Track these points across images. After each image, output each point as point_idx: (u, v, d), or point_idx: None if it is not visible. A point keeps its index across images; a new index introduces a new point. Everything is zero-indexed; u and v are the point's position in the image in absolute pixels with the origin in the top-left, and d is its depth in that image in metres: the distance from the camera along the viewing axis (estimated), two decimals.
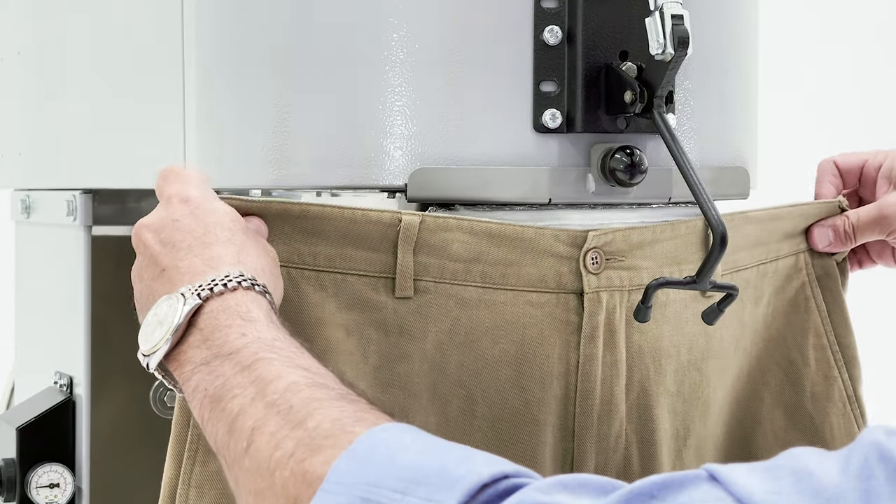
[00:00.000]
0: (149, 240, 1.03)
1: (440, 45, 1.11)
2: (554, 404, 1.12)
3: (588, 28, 1.11)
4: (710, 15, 1.18)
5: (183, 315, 0.96)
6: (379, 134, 1.10)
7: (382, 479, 0.81)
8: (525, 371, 1.11)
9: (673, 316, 1.15)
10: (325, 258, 1.07)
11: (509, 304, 1.11)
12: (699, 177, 1.07)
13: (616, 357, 1.13)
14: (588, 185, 1.13)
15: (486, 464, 0.80)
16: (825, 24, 3.23)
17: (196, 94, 1.16)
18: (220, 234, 1.01)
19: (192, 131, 1.17)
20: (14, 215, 1.56)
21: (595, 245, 1.11)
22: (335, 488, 0.82)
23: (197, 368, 0.95)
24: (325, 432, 0.85)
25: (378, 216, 1.07)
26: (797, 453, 0.74)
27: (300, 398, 0.89)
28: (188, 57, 1.17)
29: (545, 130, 1.12)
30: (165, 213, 1.04)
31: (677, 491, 0.74)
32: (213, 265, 0.99)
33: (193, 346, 0.96)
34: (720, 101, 1.20)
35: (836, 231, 1.23)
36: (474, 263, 1.09)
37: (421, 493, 0.79)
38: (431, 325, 1.09)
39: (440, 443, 0.84)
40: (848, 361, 1.26)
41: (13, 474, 1.35)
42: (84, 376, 1.37)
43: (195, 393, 0.95)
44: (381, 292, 1.08)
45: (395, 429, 0.85)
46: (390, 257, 1.08)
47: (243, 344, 0.94)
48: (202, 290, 0.97)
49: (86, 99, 1.37)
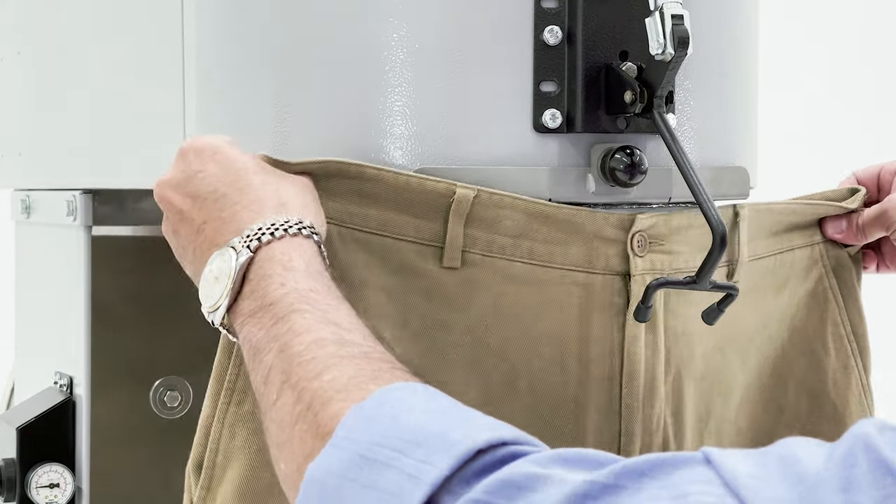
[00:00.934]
0: (173, 197, 1.03)
1: (440, 45, 1.11)
2: (597, 385, 1.13)
3: (588, 28, 1.11)
4: (710, 15, 1.18)
5: (237, 270, 0.97)
6: (379, 134, 1.11)
7: (384, 438, 0.81)
8: (568, 349, 1.12)
9: (699, 300, 1.16)
10: (377, 221, 1.08)
11: (555, 282, 1.11)
12: (699, 177, 1.08)
13: (657, 339, 1.14)
14: (588, 185, 1.13)
15: (485, 429, 0.81)
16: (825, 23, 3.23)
17: (196, 94, 1.16)
18: (253, 179, 1.02)
19: (192, 131, 1.17)
20: (14, 215, 1.56)
21: (641, 228, 1.12)
22: (342, 443, 0.83)
23: (245, 320, 0.96)
24: (339, 386, 0.86)
25: (433, 186, 1.07)
26: (790, 442, 0.75)
27: (325, 352, 0.90)
28: (188, 57, 1.17)
29: (545, 130, 1.12)
30: (184, 165, 1.04)
31: (669, 470, 0.74)
32: (257, 210, 1.00)
33: (245, 297, 0.97)
34: (720, 102, 1.20)
35: (850, 223, 1.26)
36: (522, 239, 1.10)
37: (418, 454, 0.80)
38: (476, 298, 1.10)
39: (446, 404, 0.85)
40: (862, 351, 1.28)
41: (13, 474, 1.35)
42: (84, 376, 1.37)
43: (244, 344, 0.96)
44: (428, 260, 1.09)
45: (406, 388, 0.86)
46: (440, 227, 1.08)
47: (282, 294, 0.95)
48: (251, 241, 0.98)
49: (86, 99, 1.37)
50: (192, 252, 1.03)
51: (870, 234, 1.26)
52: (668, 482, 0.74)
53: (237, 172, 1.02)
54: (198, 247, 1.02)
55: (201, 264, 1.01)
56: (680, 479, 0.74)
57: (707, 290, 1.10)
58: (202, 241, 1.01)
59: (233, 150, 1.04)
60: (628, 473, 0.75)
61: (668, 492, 0.73)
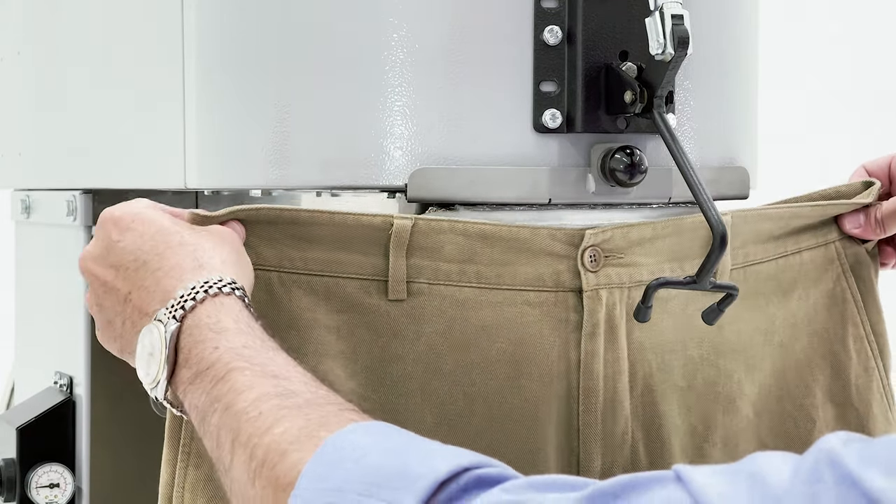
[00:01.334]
0: (95, 269, 1.03)
1: (440, 45, 1.11)
2: (556, 403, 1.12)
3: (588, 28, 1.11)
4: (710, 15, 1.18)
5: (168, 342, 0.96)
6: (379, 134, 1.10)
7: (347, 482, 0.82)
8: (524, 370, 1.11)
9: (677, 310, 1.15)
10: (317, 263, 1.08)
11: (506, 303, 1.11)
12: (699, 177, 1.07)
13: (618, 354, 1.13)
14: (588, 186, 1.13)
15: (445, 459, 0.81)
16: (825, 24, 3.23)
17: (196, 94, 1.16)
18: (171, 239, 1.01)
19: (192, 131, 1.17)
20: (14, 215, 1.55)
21: (593, 243, 1.11)
22: (304, 494, 0.83)
23: (187, 388, 0.96)
24: (291, 438, 0.86)
25: (369, 220, 1.07)
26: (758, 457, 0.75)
27: (269, 406, 0.89)
28: (188, 56, 1.17)
29: (545, 130, 1.12)
30: (104, 235, 1.04)
31: (642, 491, 0.74)
32: (177, 275, 0.99)
33: (181, 366, 0.96)
34: (720, 102, 1.20)
35: (868, 217, 1.24)
36: (468, 264, 1.10)
37: (383, 495, 0.80)
38: (425, 327, 1.09)
39: (405, 440, 0.85)
40: (882, 350, 1.27)
41: (13, 474, 1.35)
42: (84, 376, 1.37)
43: (191, 412, 0.96)
44: (373, 295, 1.09)
45: (360, 429, 0.86)
46: (382, 261, 1.08)
47: (217, 357, 0.94)
48: (175, 311, 0.97)
49: (85, 99, 1.37)
50: (122, 323, 1.02)
51: (889, 227, 1.24)
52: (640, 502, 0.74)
53: (154, 237, 1.01)
54: (127, 318, 1.01)
55: (132, 335, 1.01)
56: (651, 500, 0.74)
57: (707, 290, 1.10)
58: (131, 311, 1.01)
59: (152, 212, 1.04)
60: (599, 496, 0.75)
61: None
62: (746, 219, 1.17)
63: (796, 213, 1.22)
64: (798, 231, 1.23)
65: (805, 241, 1.23)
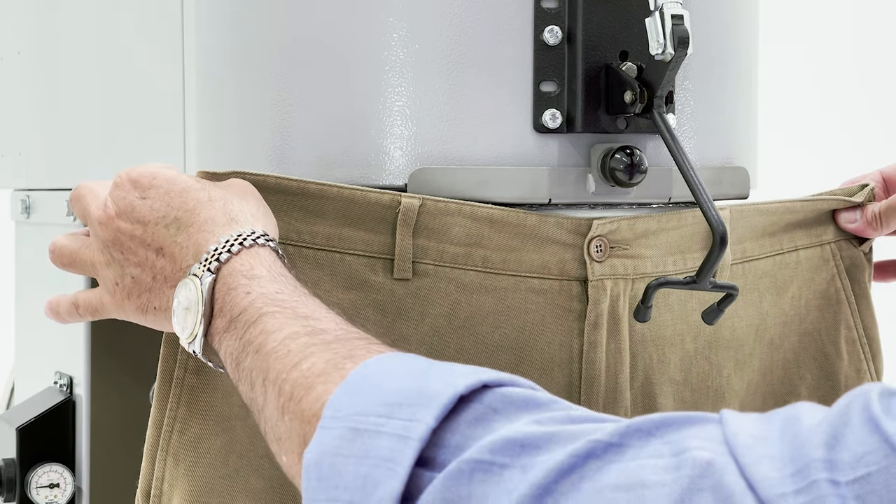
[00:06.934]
0: (122, 225, 1.03)
1: (440, 45, 1.11)
2: (557, 391, 1.12)
3: (588, 28, 1.11)
4: (710, 15, 1.18)
5: (205, 294, 0.98)
6: (379, 134, 1.11)
7: (370, 406, 0.82)
8: (525, 357, 1.11)
9: (676, 304, 1.16)
10: (324, 237, 1.08)
11: (510, 289, 1.11)
12: (699, 177, 1.07)
13: (620, 345, 1.13)
14: (588, 185, 1.13)
15: (464, 375, 0.81)
16: (825, 24, 3.23)
17: (196, 94, 1.16)
18: (199, 196, 1.02)
19: (192, 131, 1.17)
20: (14, 215, 1.55)
21: (600, 233, 1.11)
22: (330, 423, 0.83)
23: (222, 337, 0.97)
24: (318, 371, 0.87)
25: (377, 197, 1.07)
26: (801, 404, 0.76)
27: (298, 344, 0.91)
28: (188, 56, 1.17)
29: (545, 130, 1.12)
30: (123, 194, 1.04)
31: (678, 428, 0.75)
32: (210, 229, 1.00)
33: (216, 316, 0.98)
34: (720, 101, 1.20)
35: (864, 214, 1.23)
36: (475, 248, 1.10)
37: (403, 414, 0.80)
38: (430, 308, 1.10)
39: (427, 364, 0.86)
40: (874, 354, 1.27)
41: (13, 474, 1.35)
42: (84, 376, 1.37)
43: (226, 360, 0.97)
44: (378, 273, 1.09)
45: (387, 358, 0.87)
46: (389, 239, 1.08)
47: (249, 302, 0.96)
48: (210, 263, 0.98)
49: (86, 99, 1.37)
50: (153, 278, 1.02)
51: (888, 223, 1.23)
52: (674, 438, 0.74)
53: (181, 194, 1.02)
54: (158, 272, 1.02)
55: (164, 289, 1.02)
56: (685, 436, 0.74)
57: (707, 290, 1.10)
58: (162, 265, 1.02)
59: (171, 171, 1.04)
60: (634, 433, 0.75)
61: (669, 448, 0.74)
62: (742, 213, 1.18)
63: (789, 207, 1.22)
64: (793, 227, 1.23)
65: (800, 238, 1.23)
